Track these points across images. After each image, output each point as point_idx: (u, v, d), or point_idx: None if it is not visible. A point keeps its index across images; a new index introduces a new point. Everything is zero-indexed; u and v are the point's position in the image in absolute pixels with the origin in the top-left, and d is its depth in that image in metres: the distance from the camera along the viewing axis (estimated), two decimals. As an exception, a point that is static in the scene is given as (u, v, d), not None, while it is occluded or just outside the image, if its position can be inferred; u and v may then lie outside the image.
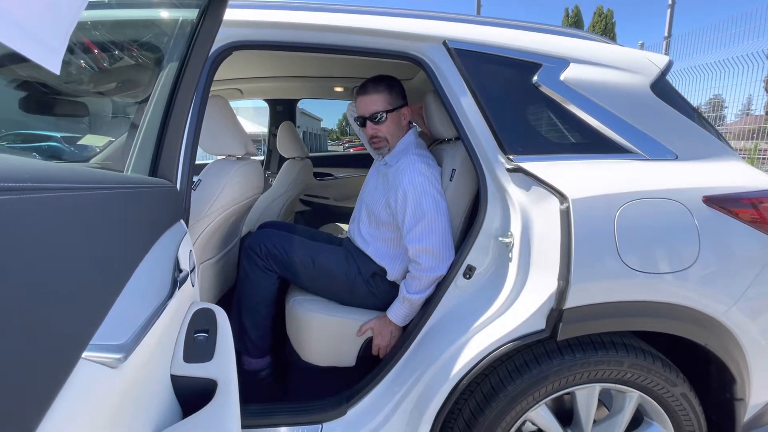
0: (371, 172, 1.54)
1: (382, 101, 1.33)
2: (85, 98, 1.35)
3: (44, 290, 0.24)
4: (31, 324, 0.22)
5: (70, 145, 2.15)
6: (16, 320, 0.21)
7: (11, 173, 0.21)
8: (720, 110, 6.31)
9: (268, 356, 1.41)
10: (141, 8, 1.09)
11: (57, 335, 0.24)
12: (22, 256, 0.22)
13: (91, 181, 0.33)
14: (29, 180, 0.22)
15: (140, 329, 0.40)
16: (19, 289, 0.21)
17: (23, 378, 0.21)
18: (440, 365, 1.04)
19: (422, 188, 1.21)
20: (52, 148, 2.05)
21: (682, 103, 1.15)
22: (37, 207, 0.23)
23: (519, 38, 1.13)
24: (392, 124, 1.35)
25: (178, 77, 0.86)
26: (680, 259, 0.95)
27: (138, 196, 0.54)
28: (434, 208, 1.19)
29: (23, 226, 0.21)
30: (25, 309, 0.22)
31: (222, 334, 0.73)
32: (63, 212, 0.26)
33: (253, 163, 1.43)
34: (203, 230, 1.23)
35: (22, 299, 0.22)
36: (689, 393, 1.06)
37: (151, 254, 0.56)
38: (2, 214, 0.20)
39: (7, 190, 0.20)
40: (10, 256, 0.21)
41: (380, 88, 1.33)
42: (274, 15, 1.09)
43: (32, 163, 0.26)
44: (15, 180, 0.21)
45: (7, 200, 0.20)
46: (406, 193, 1.21)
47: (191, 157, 0.98)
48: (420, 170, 1.23)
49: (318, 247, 1.40)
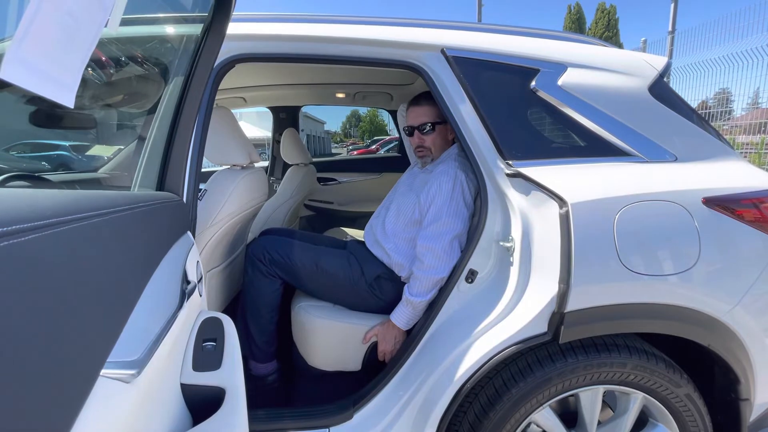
0: (405, 176, 1.57)
1: (432, 114, 1.39)
2: (92, 111, 1.39)
3: (68, 316, 0.26)
4: (57, 347, 0.24)
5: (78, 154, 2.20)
6: (44, 346, 0.23)
7: (37, 212, 0.23)
8: (727, 104, 6.24)
9: (274, 361, 1.43)
10: (147, 24, 1.12)
11: (79, 356, 0.26)
12: (47, 288, 0.24)
13: (104, 206, 0.35)
14: (52, 216, 0.24)
15: (152, 343, 0.42)
16: (47, 317, 0.23)
17: (50, 398, 0.23)
18: (444, 369, 1.05)
19: (450, 194, 1.24)
20: (60, 157, 2.10)
21: (680, 105, 1.15)
22: (58, 241, 0.25)
23: (516, 44, 1.14)
24: (438, 136, 1.41)
25: (183, 91, 0.88)
26: (680, 261, 0.96)
27: (147, 214, 0.56)
28: (454, 214, 1.22)
29: (49, 260, 0.23)
30: (52, 334, 0.24)
31: (229, 342, 0.75)
32: (82, 242, 0.29)
33: (257, 171, 1.45)
34: (210, 239, 1.26)
35: (49, 326, 0.24)
36: (693, 394, 1.06)
37: (161, 268, 0.58)
38: (29, 252, 0.22)
39: (34, 229, 0.22)
40: (38, 289, 0.23)
41: (433, 101, 1.38)
42: (274, 28, 1.11)
43: (54, 197, 0.28)
44: (41, 218, 0.23)
45: (34, 239, 0.22)
46: (437, 193, 1.25)
47: (197, 169, 1.01)
48: (458, 177, 1.26)
49: (321, 251, 1.42)
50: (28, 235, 0.21)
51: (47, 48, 0.28)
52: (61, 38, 0.29)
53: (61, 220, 0.25)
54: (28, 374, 0.21)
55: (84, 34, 0.31)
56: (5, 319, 0.20)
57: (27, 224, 0.21)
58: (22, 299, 0.21)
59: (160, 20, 1.09)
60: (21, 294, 0.21)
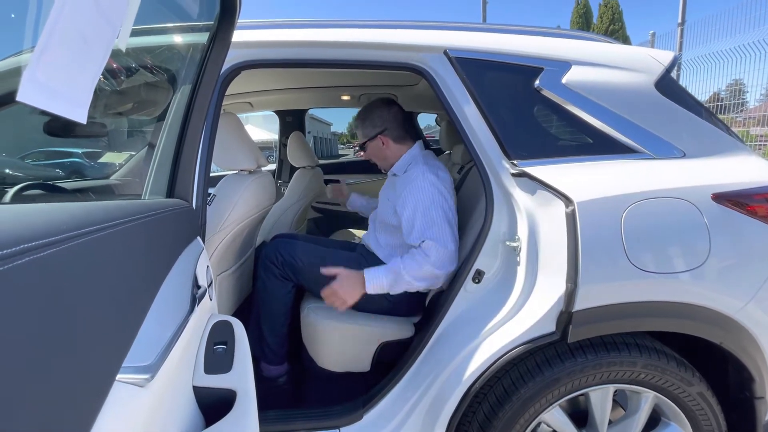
0: (384, 185, 1.58)
1: (360, 134, 1.47)
2: (104, 119, 1.42)
3: (85, 325, 0.27)
4: (77, 355, 0.26)
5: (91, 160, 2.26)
6: (65, 354, 0.25)
7: (54, 227, 0.24)
8: (741, 96, 6.11)
9: (285, 363, 1.45)
10: (155, 35, 1.14)
11: (96, 362, 0.28)
12: (64, 300, 0.25)
13: (116, 217, 0.36)
14: (66, 230, 0.25)
15: (164, 348, 0.43)
16: (65, 326, 0.25)
17: (70, 402, 0.25)
18: (452, 369, 1.05)
19: (431, 198, 1.24)
20: (74, 164, 2.16)
21: (688, 100, 1.13)
22: (73, 254, 0.26)
23: (519, 43, 1.14)
24: (372, 151, 1.46)
25: (190, 99, 0.90)
26: (690, 258, 0.95)
27: (158, 222, 0.57)
28: (443, 216, 1.23)
29: (66, 273, 0.25)
30: (72, 342, 0.25)
31: (239, 345, 0.77)
32: (96, 253, 0.30)
33: (264, 175, 1.47)
34: (219, 243, 1.28)
35: (68, 334, 0.25)
36: (707, 392, 1.05)
37: (172, 274, 0.59)
38: (48, 266, 0.23)
39: (54, 243, 0.23)
40: (56, 301, 0.24)
41: (358, 122, 1.47)
42: (278, 34, 1.13)
43: (69, 210, 0.29)
44: (57, 233, 0.24)
45: (52, 253, 0.23)
46: (417, 202, 1.25)
47: (205, 175, 1.03)
48: (431, 181, 1.26)
49: (332, 254, 1.44)
50: (46, 250, 0.22)
51: (60, 69, 0.29)
52: (73, 58, 0.30)
53: (75, 234, 0.26)
54: (48, 381, 0.23)
55: (94, 52, 0.33)
56: (28, 329, 0.22)
57: (45, 240, 0.22)
58: (42, 311, 0.23)
59: (168, 30, 1.12)
60: (41, 306, 0.23)
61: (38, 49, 0.26)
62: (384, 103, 1.44)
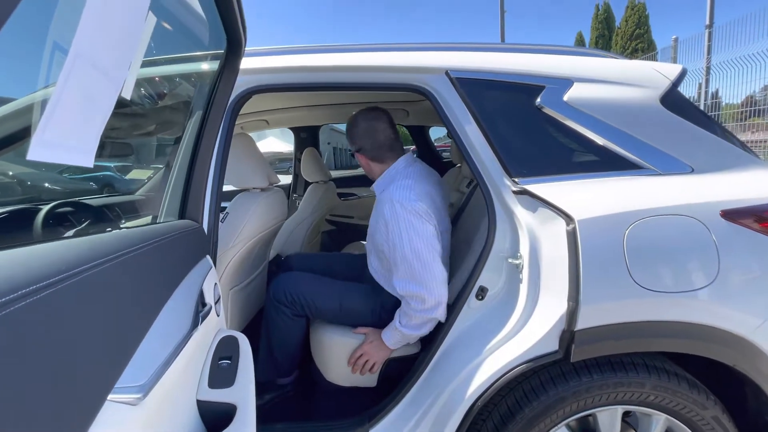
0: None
1: (351, 143, 1.43)
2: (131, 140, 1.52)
3: (80, 355, 0.31)
4: (70, 380, 0.29)
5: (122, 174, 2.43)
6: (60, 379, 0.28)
7: (54, 267, 0.28)
8: (776, 98, 5.84)
9: (296, 371, 1.48)
10: (167, 65, 1.22)
11: (88, 386, 0.31)
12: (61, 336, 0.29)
13: (119, 248, 0.41)
14: (66, 269, 0.29)
15: (161, 366, 0.47)
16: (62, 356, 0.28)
17: (58, 424, 0.28)
18: (455, 386, 1.05)
19: (406, 234, 1.17)
20: (107, 178, 2.32)
21: (697, 114, 1.12)
22: (70, 292, 0.30)
23: (520, 62, 1.15)
24: (361, 165, 1.44)
25: (201, 124, 0.96)
26: (697, 277, 0.92)
27: (165, 246, 0.62)
28: (418, 255, 1.16)
29: (64, 310, 0.28)
30: (67, 370, 0.29)
31: (243, 360, 0.80)
32: (95, 288, 0.34)
33: (276, 192, 1.53)
34: (231, 259, 1.34)
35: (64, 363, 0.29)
36: (722, 416, 1.01)
37: (176, 294, 0.64)
38: (48, 305, 0.27)
39: (50, 285, 0.27)
40: (53, 338, 0.28)
41: (348, 129, 1.44)
42: (284, 60, 1.19)
43: (69, 248, 0.33)
44: (57, 274, 0.28)
45: (50, 293, 0.27)
46: (394, 242, 1.20)
47: (217, 196, 1.08)
48: (397, 212, 1.18)
49: (343, 289, 1.41)
50: (44, 291, 0.26)
51: (67, 127, 0.33)
52: (79, 117, 0.34)
53: (72, 273, 0.30)
54: (41, 406, 0.26)
55: (99, 107, 0.37)
56: (28, 360, 0.25)
57: (44, 282, 0.26)
58: (38, 346, 0.26)
59: (180, 59, 1.20)
60: (39, 340, 0.26)
61: (46, 115, 0.31)
62: (361, 119, 1.38)
